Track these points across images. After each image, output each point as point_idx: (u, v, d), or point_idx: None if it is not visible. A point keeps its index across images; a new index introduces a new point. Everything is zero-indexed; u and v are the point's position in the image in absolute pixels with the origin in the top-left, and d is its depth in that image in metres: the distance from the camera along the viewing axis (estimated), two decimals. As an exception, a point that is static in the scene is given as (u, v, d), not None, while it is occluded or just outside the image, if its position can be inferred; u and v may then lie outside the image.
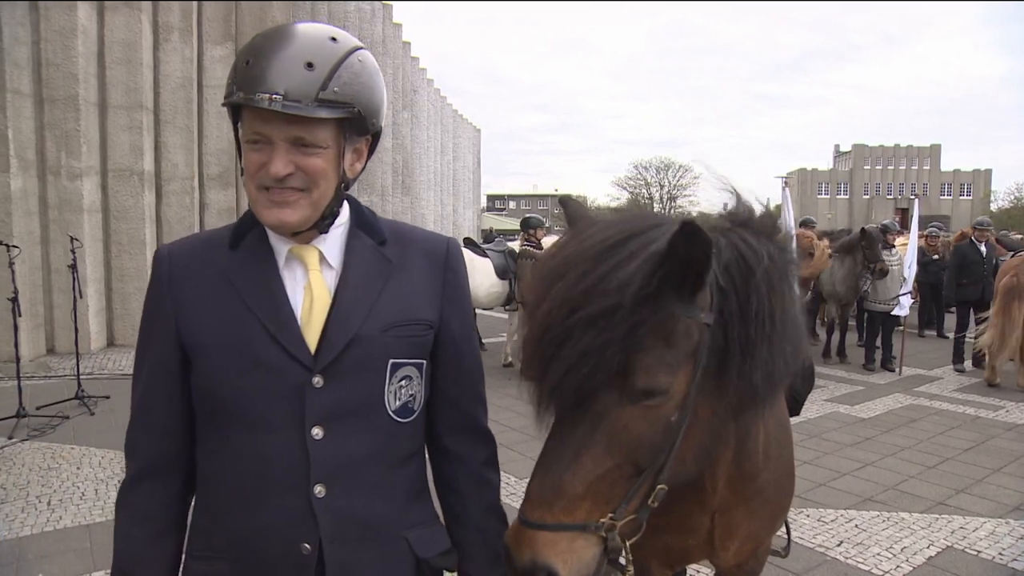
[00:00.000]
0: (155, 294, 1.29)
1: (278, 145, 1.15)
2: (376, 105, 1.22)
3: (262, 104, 1.10)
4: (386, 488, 1.27)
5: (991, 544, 4.14)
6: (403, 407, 1.28)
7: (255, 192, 1.19)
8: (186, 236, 1.41)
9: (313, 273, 1.25)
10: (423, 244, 1.37)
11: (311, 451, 1.20)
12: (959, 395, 8.06)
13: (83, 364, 7.24)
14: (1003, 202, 59.16)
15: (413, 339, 1.28)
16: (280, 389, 1.19)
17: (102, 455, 5.50)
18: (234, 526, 1.23)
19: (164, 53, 10.42)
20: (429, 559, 1.32)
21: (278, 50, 1.13)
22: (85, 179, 9.32)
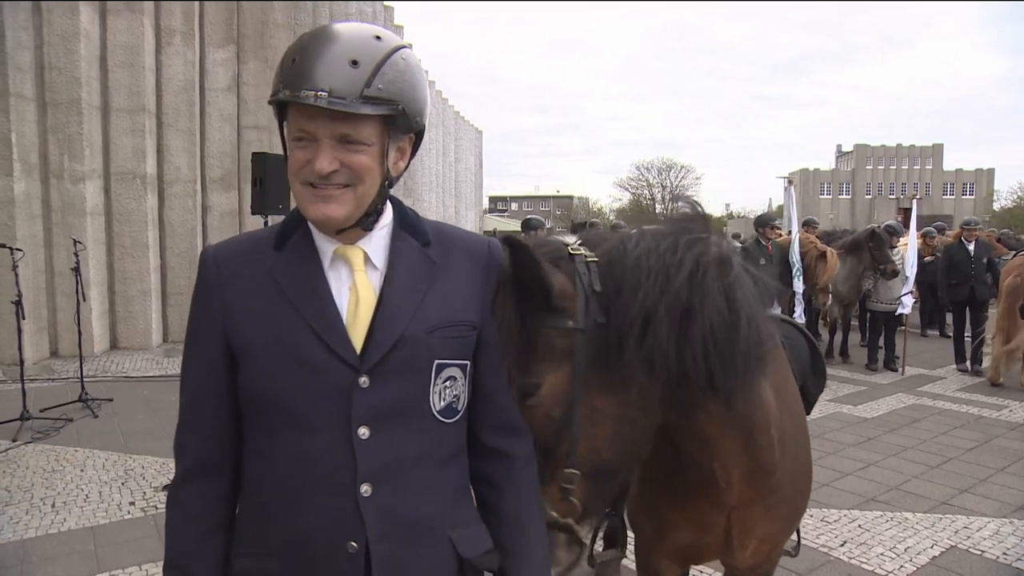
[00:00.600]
0: (202, 296, 1.30)
1: (323, 142, 1.16)
2: (420, 103, 1.24)
3: (308, 101, 1.12)
4: (431, 488, 1.28)
5: (995, 544, 4.14)
6: (447, 407, 1.29)
7: (300, 189, 1.21)
8: (231, 237, 1.42)
9: (358, 274, 1.26)
10: (466, 245, 1.38)
11: (357, 451, 1.21)
12: (962, 395, 8.05)
13: (86, 367, 7.24)
14: (1006, 201, 59.03)
15: (458, 340, 1.29)
16: (326, 389, 1.21)
17: (105, 457, 5.51)
18: (282, 524, 1.24)
19: (166, 56, 10.44)
20: (472, 559, 1.32)
21: (324, 48, 1.15)
22: (88, 182, 9.35)
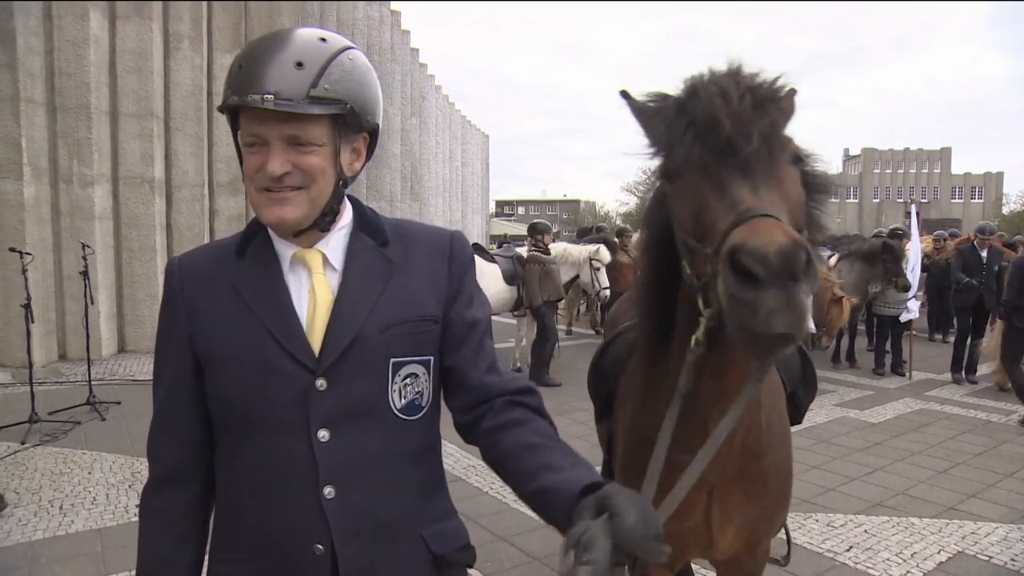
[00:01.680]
0: (168, 306, 1.32)
1: (274, 145, 1.17)
2: (369, 102, 1.25)
3: (255, 103, 1.13)
4: (397, 486, 1.28)
5: (1003, 550, 4.12)
6: (409, 404, 1.29)
7: (255, 194, 1.22)
8: (196, 247, 1.44)
9: (316, 276, 1.27)
10: (427, 240, 1.38)
11: (317, 453, 1.21)
12: (970, 399, 8.01)
13: (94, 370, 7.29)
14: (1015, 205, 58.68)
15: (416, 336, 1.29)
16: (286, 394, 1.21)
17: (113, 460, 5.53)
18: (251, 529, 1.25)
19: (174, 61, 10.50)
20: (446, 555, 1.32)
21: (268, 53, 1.16)
22: (97, 186, 9.40)
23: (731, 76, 1.37)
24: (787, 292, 1.07)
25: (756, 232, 1.12)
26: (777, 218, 1.16)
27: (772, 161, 1.30)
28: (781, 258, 1.07)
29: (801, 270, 1.08)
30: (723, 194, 1.27)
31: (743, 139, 1.28)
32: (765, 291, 1.08)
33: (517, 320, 9.59)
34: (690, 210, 1.35)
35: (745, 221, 1.16)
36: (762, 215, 1.17)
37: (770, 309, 1.08)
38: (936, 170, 65.29)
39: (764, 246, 1.08)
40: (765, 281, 1.08)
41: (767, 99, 1.35)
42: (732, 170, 1.28)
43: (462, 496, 4.52)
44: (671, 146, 1.38)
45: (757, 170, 1.28)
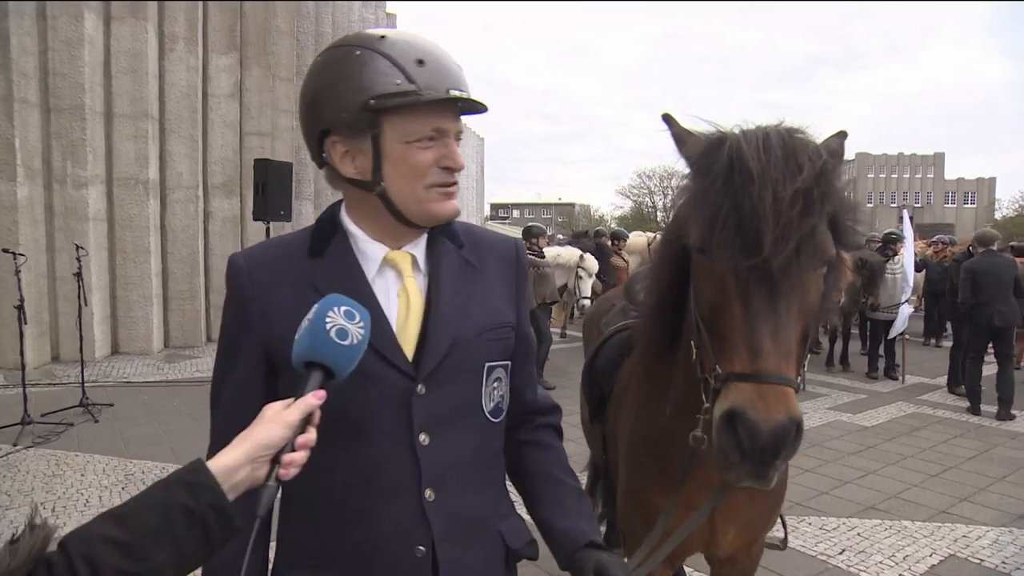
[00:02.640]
0: (237, 305, 1.26)
1: (451, 139, 1.22)
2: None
3: (463, 95, 1.18)
4: (484, 485, 1.31)
5: (994, 553, 4.14)
6: (496, 407, 1.32)
7: (423, 191, 1.20)
8: (257, 244, 1.39)
9: (408, 279, 1.26)
10: (496, 247, 1.40)
11: (420, 456, 1.21)
12: (962, 403, 8.03)
13: (87, 372, 7.26)
14: (1007, 210, 58.96)
15: (503, 341, 1.32)
16: (384, 398, 1.20)
17: (106, 462, 5.52)
18: (346, 534, 1.23)
19: (169, 63, 10.50)
20: (518, 550, 1.35)
21: (443, 54, 1.21)
22: (91, 188, 9.38)
23: (786, 159, 1.33)
24: (763, 467, 1.23)
25: (760, 402, 1.22)
26: (788, 383, 1.24)
27: (802, 269, 1.32)
28: (772, 440, 1.20)
29: (785, 451, 1.21)
30: (746, 316, 1.31)
31: (780, 247, 1.28)
32: (744, 461, 1.24)
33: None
34: (710, 299, 1.40)
35: (756, 380, 1.25)
36: (775, 382, 1.23)
37: (743, 473, 1.26)
38: (929, 175, 65.63)
39: (762, 422, 1.20)
40: (749, 452, 1.22)
41: (816, 197, 1.32)
42: (761, 283, 1.30)
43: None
44: (707, 227, 1.35)
45: (785, 284, 1.30)
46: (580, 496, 1.40)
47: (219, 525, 0.92)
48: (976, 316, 7.70)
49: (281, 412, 1.00)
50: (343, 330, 1.04)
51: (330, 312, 1.04)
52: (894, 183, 65.29)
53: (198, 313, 10.97)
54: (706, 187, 1.37)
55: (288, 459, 0.97)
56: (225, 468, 0.95)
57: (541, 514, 1.38)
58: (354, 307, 1.07)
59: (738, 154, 1.34)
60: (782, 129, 1.39)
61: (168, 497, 0.90)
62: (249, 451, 0.96)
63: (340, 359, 1.04)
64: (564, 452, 1.47)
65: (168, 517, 0.89)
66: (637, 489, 1.97)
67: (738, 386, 1.25)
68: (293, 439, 0.98)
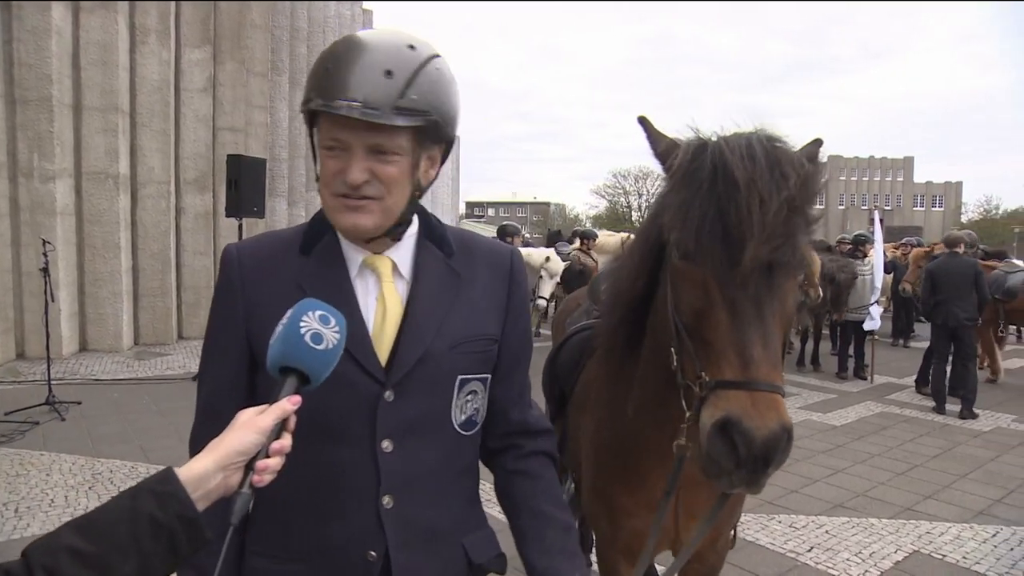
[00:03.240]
0: (226, 296, 1.28)
1: (356, 152, 1.15)
2: (452, 113, 1.23)
3: (341, 111, 1.11)
4: (448, 497, 1.30)
5: (955, 548, 4.24)
6: (467, 420, 1.31)
7: (330, 198, 1.19)
8: (253, 236, 1.40)
9: (386, 284, 1.25)
10: (488, 256, 1.38)
11: (381, 464, 1.21)
12: (928, 403, 8.20)
13: (54, 369, 7.13)
14: (973, 214, 60.31)
15: (480, 355, 1.30)
16: (353, 402, 1.20)
17: (73, 461, 5.42)
18: (304, 531, 1.24)
19: (141, 55, 10.32)
20: (482, 563, 1.34)
21: (357, 57, 1.13)
22: (58, 181, 9.19)
23: (771, 167, 1.32)
24: (756, 474, 1.23)
25: (754, 410, 1.22)
26: (779, 390, 1.24)
27: (785, 277, 1.33)
28: (766, 448, 1.20)
29: (777, 458, 1.21)
30: (734, 323, 1.30)
31: (767, 255, 1.29)
32: (738, 469, 1.23)
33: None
34: (693, 304, 1.38)
35: (748, 388, 1.24)
36: (766, 390, 1.23)
37: (735, 480, 1.25)
38: (899, 178, 66.81)
39: (756, 430, 1.20)
40: (743, 459, 1.21)
41: (800, 205, 1.33)
42: (748, 290, 1.30)
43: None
44: (693, 234, 1.35)
45: (770, 291, 1.31)
46: (565, 532, 1.37)
47: (187, 536, 0.91)
48: (934, 315, 7.97)
49: (254, 418, 0.99)
50: (318, 334, 1.03)
51: (305, 316, 1.03)
52: (865, 185, 66.34)
53: (169, 310, 10.81)
54: (691, 194, 1.36)
55: (262, 465, 0.96)
56: (196, 476, 0.94)
57: (523, 549, 1.36)
58: (329, 311, 1.06)
59: (722, 161, 1.33)
60: (763, 136, 1.39)
61: (135, 507, 0.89)
62: (221, 458, 0.95)
63: (315, 364, 1.03)
64: (555, 482, 1.44)
65: (134, 527, 0.88)
66: (603, 489, 1.98)
67: (729, 394, 1.25)
68: (267, 445, 0.98)
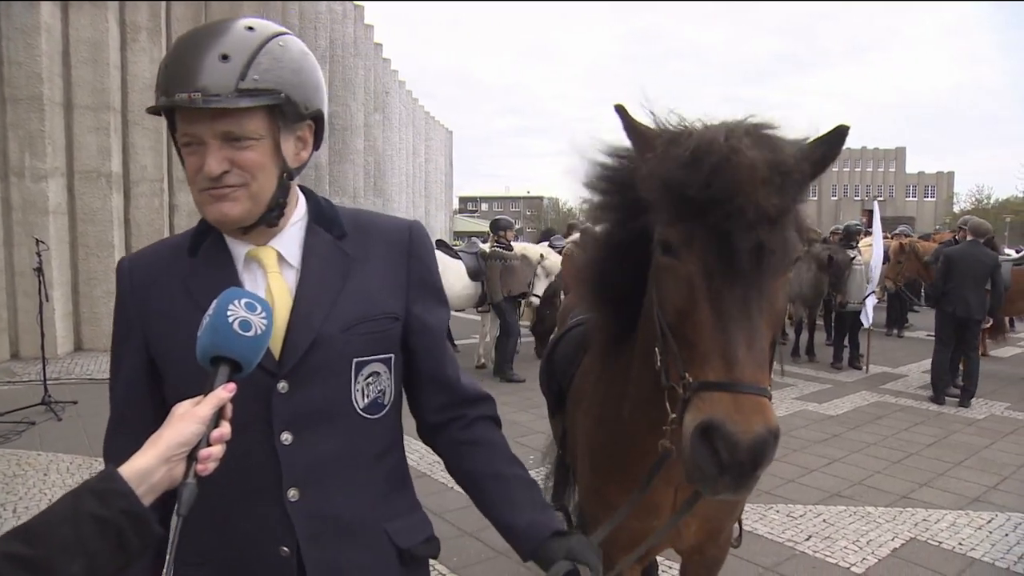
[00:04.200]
0: (120, 307, 1.30)
1: (210, 144, 1.12)
2: (306, 88, 1.19)
3: (182, 103, 1.09)
4: (361, 485, 1.27)
5: (951, 535, 4.27)
6: (372, 403, 1.27)
7: (198, 195, 1.18)
8: (148, 245, 1.40)
9: (272, 275, 1.23)
10: (385, 233, 1.34)
11: (281, 456, 1.19)
12: (923, 392, 8.24)
13: (49, 369, 7.09)
14: (965, 204, 60.55)
15: (377, 335, 1.27)
16: (245, 396, 1.16)
17: (70, 461, 5.41)
18: (214, 533, 1.23)
19: (132, 53, 10.27)
20: (411, 548, 1.32)
21: (193, 48, 1.11)
22: (50, 180, 9.15)
23: (761, 159, 1.24)
24: (743, 478, 1.16)
25: (738, 414, 1.15)
26: (765, 393, 1.18)
27: (775, 273, 1.26)
28: (751, 453, 1.13)
29: (763, 462, 1.15)
30: (718, 322, 1.23)
31: (755, 250, 1.22)
32: (723, 474, 1.16)
33: (481, 316, 9.59)
34: (677, 303, 1.31)
35: (732, 390, 1.18)
36: (751, 392, 1.17)
37: (720, 486, 1.18)
38: (891, 169, 66.91)
39: (741, 434, 1.13)
40: (726, 465, 1.15)
41: (791, 199, 1.26)
42: (734, 287, 1.23)
43: (427, 492, 4.51)
44: (678, 228, 1.29)
45: (758, 288, 1.24)
46: (530, 486, 1.36)
47: (135, 532, 0.90)
48: (943, 303, 7.77)
49: (192, 409, 1.00)
50: (246, 321, 1.03)
51: (231, 305, 1.04)
52: (857, 176, 66.44)
53: (163, 308, 10.77)
54: (673, 184, 1.28)
55: (205, 454, 0.97)
56: (139, 471, 0.93)
57: (495, 514, 1.34)
58: (254, 299, 1.07)
59: (708, 152, 1.26)
60: (749, 125, 1.33)
61: (77, 507, 0.88)
62: (162, 451, 0.95)
63: (246, 351, 1.04)
64: (504, 442, 1.42)
65: (78, 528, 0.86)
66: (600, 489, 1.96)
67: (712, 396, 1.18)
68: (208, 434, 0.98)
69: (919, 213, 58.16)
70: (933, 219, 56.33)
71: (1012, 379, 9.19)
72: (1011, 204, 47.98)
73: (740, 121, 1.35)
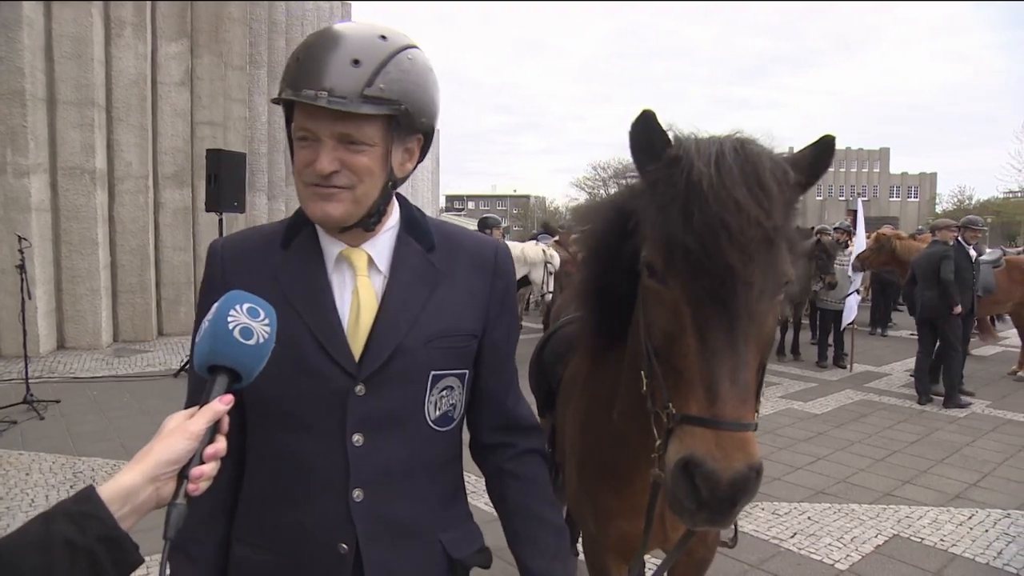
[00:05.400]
0: (208, 291, 1.28)
1: (325, 142, 1.15)
2: (426, 103, 1.22)
3: (308, 99, 1.11)
4: (422, 493, 1.30)
5: (933, 531, 4.33)
6: (443, 416, 1.30)
7: (303, 188, 1.20)
8: (239, 231, 1.41)
9: (361, 278, 1.25)
10: (472, 250, 1.36)
11: (351, 457, 1.22)
12: (906, 390, 8.34)
13: (32, 367, 7.02)
14: (947, 204, 61.20)
15: (456, 350, 1.29)
16: (323, 395, 1.20)
17: (53, 460, 5.36)
18: (277, 521, 1.25)
19: (116, 49, 10.16)
20: (463, 559, 1.34)
21: (327, 48, 1.14)
22: (33, 177, 9.05)
23: (749, 181, 1.23)
24: (721, 514, 1.16)
25: (719, 450, 1.14)
26: (747, 428, 1.17)
27: (763, 300, 1.24)
28: (731, 489, 1.13)
29: (744, 499, 1.15)
30: (703, 352, 1.21)
31: (742, 277, 1.21)
32: (701, 509, 1.16)
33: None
34: (664, 327, 1.30)
35: (713, 426, 1.17)
36: (733, 429, 1.16)
37: (698, 520, 1.19)
38: (876, 169, 67.49)
39: (721, 471, 1.12)
40: (705, 501, 1.15)
41: (779, 222, 1.25)
42: (721, 316, 1.21)
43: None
44: (662, 253, 1.28)
45: (745, 316, 1.22)
46: (558, 534, 1.39)
47: (111, 558, 0.83)
48: (913, 307, 8.11)
49: (183, 423, 0.93)
50: (247, 328, 1.00)
51: (232, 310, 1.00)
52: (842, 176, 66.96)
53: (149, 306, 10.69)
54: (661, 208, 1.28)
55: (197, 473, 0.91)
56: (121, 491, 0.86)
57: (516, 550, 1.38)
58: (258, 303, 1.03)
59: (696, 174, 1.24)
60: (740, 143, 1.30)
61: (47, 532, 0.81)
62: (148, 470, 0.89)
63: (246, 360, 0.99)
64: (548, 483, 1.45)
65: (46, 554, 0.79)
66: (589, 490, 1.96)
67: (694, 431, 1.17)
68: (201, 451, 0.92)
69: (903, 213, 58.68)
70: (916, 219, 56.82)
71: (993, 377, 9.32)
72: (991, 205, 48.52)
73: (730, 140, 1.31)
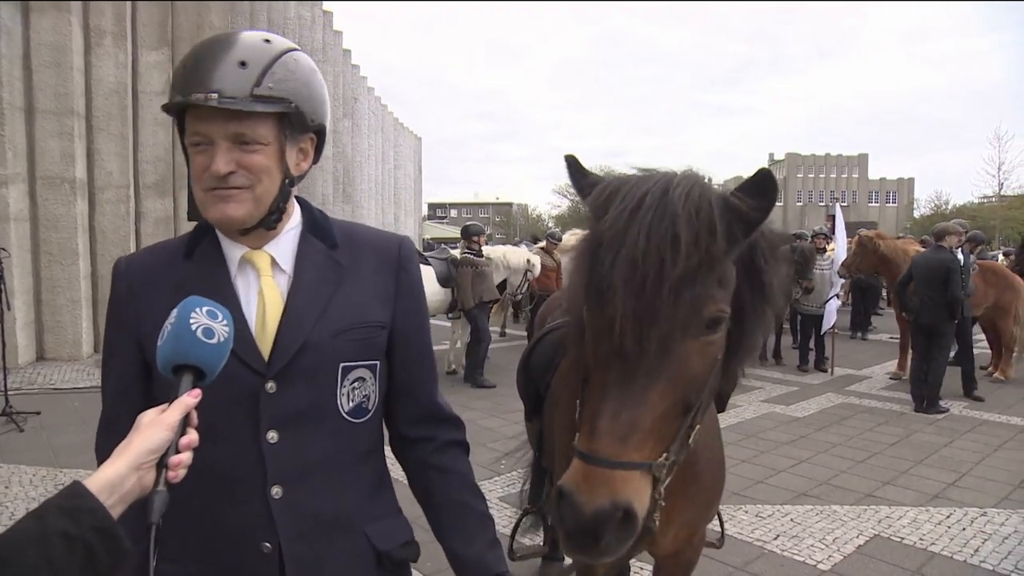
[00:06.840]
0: (115, 307, 1.32)
1: (219, 144, 1.17)
2: (314, 101, 1.26)
3: (199, 101, 1.14)
4: (343, 486, 1.30)
5: (913, 531, 4.39)
6: (357, 408, 1.31)
7: (202, 195, 1.22)
8: (146, 247, 1.43)
9: (265, 279, 1.28)
10: (375, 245, 1.40)
11: (266, 454, 1.23)
12: (886, 393, 8.45)
13: (11, 379, 6.94)
14: (924, 209, 62.00)
15: (364, 341, 1.31)
16: (234, 396, 1.21)
17: (33, 472, 5.30)
18: (199, 530, 1.25)
19: (96, 57, 10.09)
20: (390, 551, 1.35)
21: (213, 53, 1.17)
22: (11, 186, 8.95)
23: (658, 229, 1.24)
24: (585, 548, 1.20)
25: (584, 484, 1.19)
26: (621, 466, 1.19)
27: (668, 344, 1.24)
28: (592, 524, 1.16)
29: (610, 536, 1.17)
30: (600, 386, 1.26)
31: (634, 324, 1.22)
32: (568, 538, 1.21)
33: (452, 322, 9.61)
34: (587, 357, 1.36)
35: (586, 461, 1.21)
36: (603, 465, 1.19)
37: (569, 547, 1.23)
38: (855, 175, 68.34)
39: (582, 505, 1.17)
40: (570, 531, 1.20)
41: (692, 268, 1.23)
42: (616, 357, 1.25)
43: (402, 499, 4.51)
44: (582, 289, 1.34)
45: (642, 360, 1.23)
46: (484, 521, 1.41)
47: (105, 548, 0.88)
48: (909, 310, 7.92)
49: (159, 416, 0.99)
50: (209, 329, 1.05)
51: (193, 313, 1.06)
52: (822, 182, 67.73)
53: (129, 317, 10.58)
54: (584, 246, 1.33)
55: (175, 461, 0.97)
56: (108, 481, 0.92)
57: (446, 542, 1.40)
58: (215, 307, 1.09)
59: (610, 219, 1.29)
60: (661, 188, 1.30)
61: (43, 526, 0.85)
62: (132, 459, 0.94)
63: (210, 359, 1.05)
64: (470, 471, 1.46)
65: (45, 548, 0.83)
66: None
67: (575, 463, 1.22)
68: (176, 441, 0.98)
69: (881, 218, 59.37)
70: (895, 224, 57.60)
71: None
72: (967, 210, 49.22)
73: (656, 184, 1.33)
